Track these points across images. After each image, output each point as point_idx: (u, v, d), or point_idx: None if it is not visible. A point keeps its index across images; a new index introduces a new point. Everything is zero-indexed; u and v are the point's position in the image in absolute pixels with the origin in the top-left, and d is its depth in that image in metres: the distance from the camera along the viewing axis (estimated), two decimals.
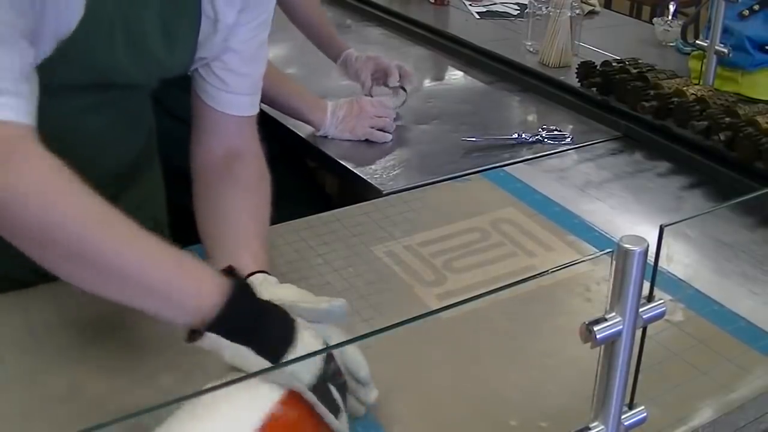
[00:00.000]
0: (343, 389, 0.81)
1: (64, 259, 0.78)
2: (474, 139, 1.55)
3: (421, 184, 1.40)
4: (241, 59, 1.05)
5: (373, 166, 1.46)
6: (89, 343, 0.97)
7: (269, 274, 0.95)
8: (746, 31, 1.63)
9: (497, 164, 1.47)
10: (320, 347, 0.79)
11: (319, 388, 0.77)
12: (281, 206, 1.10)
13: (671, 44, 2.07)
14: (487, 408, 0.91)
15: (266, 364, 0.76)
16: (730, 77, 1.69)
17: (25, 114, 0.80)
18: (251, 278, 0.92)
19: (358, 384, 0.85)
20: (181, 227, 1.13)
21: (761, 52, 1.64)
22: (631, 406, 0.69)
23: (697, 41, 1.71)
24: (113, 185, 1.10)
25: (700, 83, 1.66)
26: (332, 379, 0.79)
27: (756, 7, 1.62)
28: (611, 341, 0.63)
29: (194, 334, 0.78)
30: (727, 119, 1.46)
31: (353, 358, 0.85)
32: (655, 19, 2.21)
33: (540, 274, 0.65)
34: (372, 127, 1.56)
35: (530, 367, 0.98)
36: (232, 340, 0.76)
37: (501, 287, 0.62)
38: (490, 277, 1.14)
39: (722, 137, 1.45)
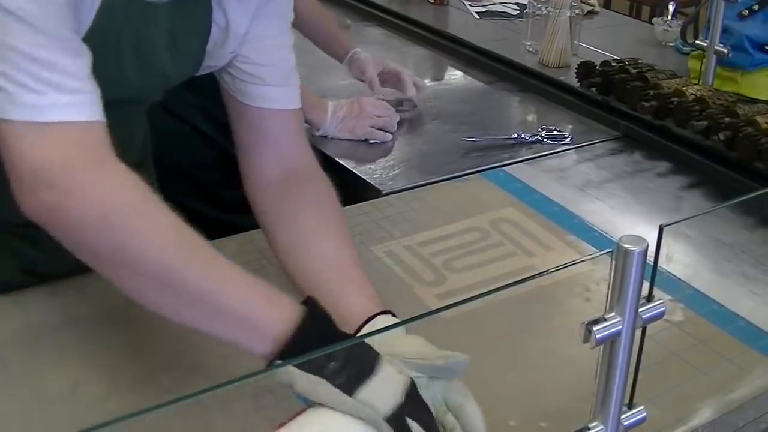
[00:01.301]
0: (431, 427, 0.76)
1: (139, 279, 0.76)
2: (473, 139, 1.55)
3: (421, 184, 1.40)
4: (259, 49, 0.98)
5: (372, 166, 1.46)
6: (89, 343, 0.97)
7: (391, 313, 0.89)
8: (746, 31, 1.63)
9: (497, 164, 1.47)
10: (404, 381, 0.76)
11: (399, 422, 0.74)
12: None
13: (671, 44, 2.07)
14: (486, 408, 0.91)
15: (338, 395, 0.73)
16: (730, 77, 1.69)
17: (101, 113, 0.79)
18: (374, 321, 0.86)
19: None
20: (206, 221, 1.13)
21: (761, 52, 1.64)
22: (630, 406, 0.69)
23: (697, 41, 1.71)
24: None
25: (700, 83, 1.67)
26: (415, 415, 0.75)
27: (755, 7, 1.62)
28: (611, 341, 0.63)
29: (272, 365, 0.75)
30: (727, 119, 1.46)
31: (472, 417, 0.80)
32: (654, 19, 2.21)
33: (539, 274, 0.65)
34: (372, 127, 1.56)
35: (530, 367, 0.98)
36: (311, 372, 0.73)
37: (500, 287, 0.62)
38: (489, 277, 1.14)
39: (722, 137, 1.45)
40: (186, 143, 1.08)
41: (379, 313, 0.87)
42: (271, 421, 0.87)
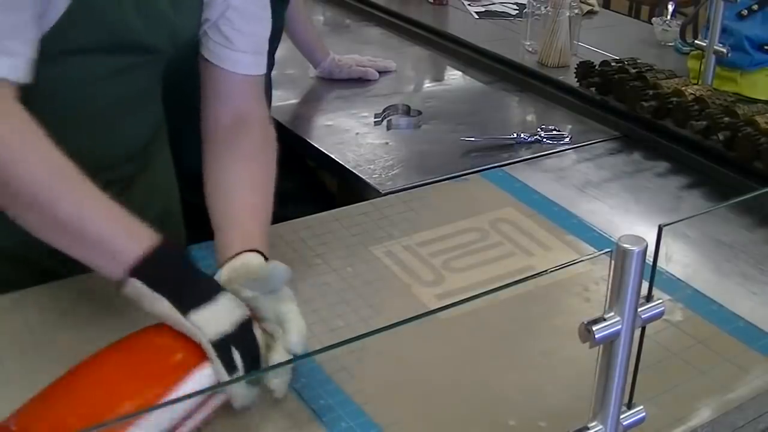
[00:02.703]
0: (254, 362, 0.84)
1: (21, 204, 0.86)
2: (473, 138, 1.55)
3: (420, 183, 1.40)
4: (243, 17, 1.08)
5: (371, 166, 1.46)
6: (88, 343, 0.97)
7: (261, 252, 0.95)
8: (745, 30, 1.63)
9: (496, 164, 1.47)
10: (239, 314, 0.84)
11: (223, 347, 0.82)
12: (283, 206, 1.10)
13: (670, 44, 2.07)
14: (485, 408, 0.91)
15: (172, 313, 0.83)
16: (729, 77, 1.69)
17: (8, 71, 0.86)
18: (239, 257, 0.93)
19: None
20: (195, 225, 1.13)
21: (760, 52, 1.64)
22: (629, 406, 0.69)
23: (696, 41, 1.71)
24: (126, 167, 1.14)
25: (699, 83, 1.67)
26: (242, 346, 0.83)
27: (755, 7, 1.62)
28: (610, 341, 0.63)
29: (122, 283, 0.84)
30: (726, 119, 1.46)
31: (291, 324, 0.88)
32: (653, 19, 2.21)
33: (539, 274, 0.66)
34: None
35: (529, 366, 0.98)
36: (154, 290, 0.83)
37: (500, 287, 0.62)
38: (488, 277, 1.14)
39: (721, 137, 1.45)
40: (196, 144, 1.10)
41: (247, 251, 0.94)
42: (271, 421, 0.87)
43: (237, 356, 0.83)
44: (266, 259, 0.94)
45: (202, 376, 0.83)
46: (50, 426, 0.76)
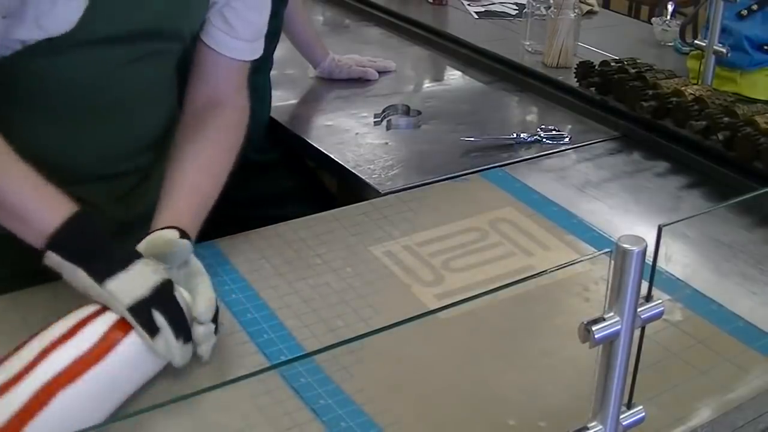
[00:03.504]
0: (178, 321, 0.88)
1: None
2: (472, 138, 1.55)
3: (420, 183, 1.40)
4: (246, 5, 1.11)
5: (371, 166, 1.46)
6: None
7: (181, 230, 0.98)
8: (745, 30, 1.63)
9: (496, 164, 1.47)
10: (156, 279, 0.88)
11: (140, 312, 0.86)
12: (283, 206, 1.11)
13: (670, 44, 2.07)
14: (485, 408, 0.91)
15: (89, 282, 0.86)
16: (729, 77, 1.69)
17: None
18: (160, 233, 0.98)
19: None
20: (207, 220, 1.14)
21: (760, 52, 1.64)
22: (629, 406, 0.69)
23: (696, 41, 1.71)
24: (144, 157, 1.17)
25: (699, 83, 1.67)
26: (162, 308, 0.87)
27: (754, 7, 1.62)
28: (610, 341, 0.63)
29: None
30: (726, 119, 1.46)
31: (200, 294, 0.92)
32: (653, 19, 2.21)
33: (538, 274, 0.66)
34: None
35: (529, 366, 0.98)
36: (69, 261, 0.87)
37: (499, 287, 0.62)
38: (488, 277, 1.14)
39: (721, 137, 1.45)
40: None
41: (167, 228, 0.98)
42: (271, 421, 0.87)
43: (159, 318, 0.86)
44: (188, 237, 0.98)
45: (130, 344, 0.86)
46: None
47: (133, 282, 0.87)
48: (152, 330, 0.86)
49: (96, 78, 1.03)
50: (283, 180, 1.71)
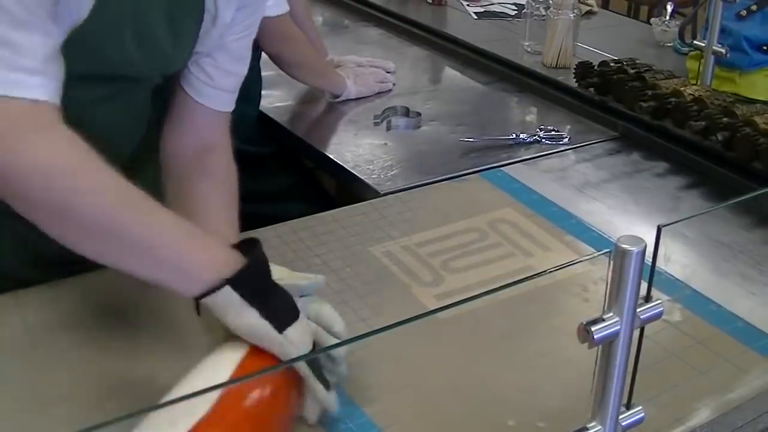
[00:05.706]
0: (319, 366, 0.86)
1: (83, 233, 0.81)
2: (472, 139, 1.55)
3: (419, 184, 1.40)
4: (231, 58, 1.08)
5: (370, 167, 1.46)
6: (88, 343, 0.97)
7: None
8: (744, 31, 1.63)
9: (495, 164, 1.47)
10: (312, 329, 0.86)
11: (317, 365, 0.83)
12: (282, 206, 1.11)
13: (669, 44, 2.07)
14: (484, 408, 0.91)
15: (267, 329, 0.81)
16: (728, 77, 1.69)
17: (53, 94, 0.81)
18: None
19: (327, 359, 0.89)
20: None
21: (759, 52, 1.64)
22: (628, 407, 0.69)
23: (695, 41, 1.71)
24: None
25: (698, 83, 1.67)
26: (319, 362, 0.85)
27: (753, 8, 1.62)
28: (609, 341, 0.63)
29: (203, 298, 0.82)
30: (725, 119, 1.46)
31: (328, 317, 0.89)
32: (652, 20, 2.21)
33: (538, 275, 0.66)
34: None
35: (528, 367, 0.98)
36: (247, 301, 0.80)
37: (499, 287, 0.62)
38: (487, 278, 1.14)
39: (720, 137, 1.45)
40: None
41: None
42: None
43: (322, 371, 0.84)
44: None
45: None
46: None
47: (305, 335, 0.84)
48: (327, 383, 0.84)
49: (69, 116, 0.95)
50: (280, 177, 1.71)
